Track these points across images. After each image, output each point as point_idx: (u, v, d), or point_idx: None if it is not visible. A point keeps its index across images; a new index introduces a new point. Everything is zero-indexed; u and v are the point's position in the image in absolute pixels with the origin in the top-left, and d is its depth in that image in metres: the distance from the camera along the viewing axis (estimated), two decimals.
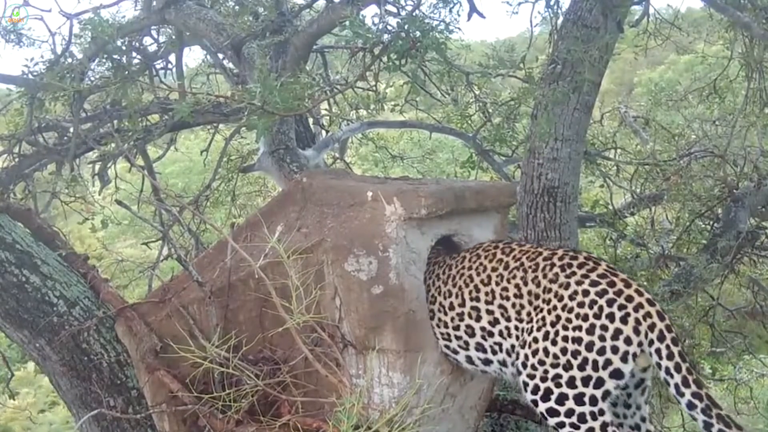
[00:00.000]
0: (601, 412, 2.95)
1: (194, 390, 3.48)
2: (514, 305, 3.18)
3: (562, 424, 2.98)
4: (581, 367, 2.94)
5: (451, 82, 6.95)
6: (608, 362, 2.92)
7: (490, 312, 3.25)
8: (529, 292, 3.14)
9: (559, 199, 4.94)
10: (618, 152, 7.25)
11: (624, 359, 2.92)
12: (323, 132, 7.35)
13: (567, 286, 3.03)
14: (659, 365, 2.91)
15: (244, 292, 3.55)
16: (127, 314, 3.88)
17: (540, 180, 4.94)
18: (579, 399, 2.95)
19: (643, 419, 3.19)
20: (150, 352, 3.67)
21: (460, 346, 3.37)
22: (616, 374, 2.93)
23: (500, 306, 3.22)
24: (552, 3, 4.86)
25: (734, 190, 6.03)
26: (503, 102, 7.04)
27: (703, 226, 6.35)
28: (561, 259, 3.12)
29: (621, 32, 4.94)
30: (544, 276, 3.11)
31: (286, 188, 3.93)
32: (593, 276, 3.02)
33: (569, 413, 2.96)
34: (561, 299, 3.02)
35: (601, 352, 2.92)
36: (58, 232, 4.59)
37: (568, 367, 2.96)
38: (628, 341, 2.91)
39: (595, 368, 2.93)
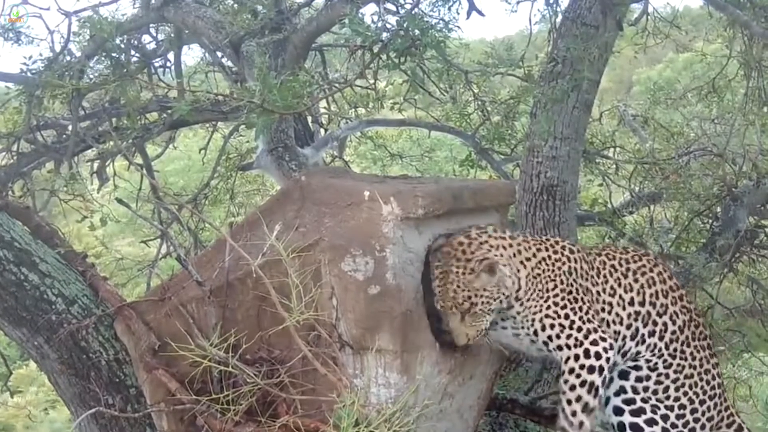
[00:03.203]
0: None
1: (193, 389, 3.47)
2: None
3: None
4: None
5: (450, 81, 6.94)
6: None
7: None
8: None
9: (558, 198, 4.94)
10: (617, 151, 7.24)
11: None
12: (322, 130, 7.34)
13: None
14: None
15: (242, 291, 3.54)
16: (126, 312, 3.86)
17: (539, 178, 4.94)
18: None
19: None
20: (148, 351, 3.67)
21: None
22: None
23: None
24: (551, 1, 4.86)
25: (733, 189, 6.02)
26: (502, 100, 7.03)
27: (702, 224, 6.34)
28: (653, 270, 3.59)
29: (620, 30, 4.95)
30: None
31: (284, 187, 3.93)
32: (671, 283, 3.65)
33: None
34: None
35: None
36: (57, 230, 4.57)
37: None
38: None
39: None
